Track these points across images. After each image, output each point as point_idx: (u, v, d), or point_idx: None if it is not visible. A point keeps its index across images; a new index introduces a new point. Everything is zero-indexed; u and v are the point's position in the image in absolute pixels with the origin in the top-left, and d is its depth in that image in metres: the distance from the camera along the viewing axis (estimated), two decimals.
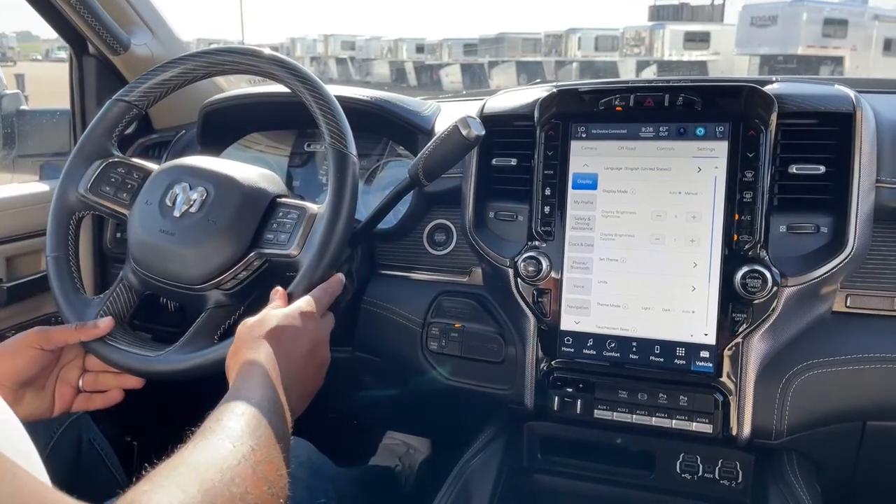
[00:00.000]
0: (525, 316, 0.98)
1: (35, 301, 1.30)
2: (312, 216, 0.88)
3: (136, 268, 0.93)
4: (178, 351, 0.86)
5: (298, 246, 0.86)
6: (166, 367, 0.86)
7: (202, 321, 0.89)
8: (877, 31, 21.91)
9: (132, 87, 1.00)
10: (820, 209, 0.88)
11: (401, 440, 1.68)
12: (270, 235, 0.89)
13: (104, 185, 0.97)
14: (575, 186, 0.96)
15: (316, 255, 0.84)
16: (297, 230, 0.87)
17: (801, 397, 0.90)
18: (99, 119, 0.99)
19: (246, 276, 0.90)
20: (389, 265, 1.16)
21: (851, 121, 0.87)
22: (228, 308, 0.90)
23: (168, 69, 0.98)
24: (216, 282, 0.89)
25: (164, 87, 0.99)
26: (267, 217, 0.90)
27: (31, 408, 0.89)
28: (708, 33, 24.84)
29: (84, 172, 0.97)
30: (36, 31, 43.01)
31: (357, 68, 34.19)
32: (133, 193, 0.96)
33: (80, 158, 0.98)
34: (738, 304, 0.88)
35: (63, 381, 0.93)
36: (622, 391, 0.93)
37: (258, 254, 0.89)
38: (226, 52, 0.97)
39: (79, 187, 0.96)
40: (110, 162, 0.98)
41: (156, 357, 0.87)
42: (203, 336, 0.88)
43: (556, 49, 26.51)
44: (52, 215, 0.96)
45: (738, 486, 0.96)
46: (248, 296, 0.92)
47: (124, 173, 0.98)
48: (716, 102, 0.91)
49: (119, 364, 0.88)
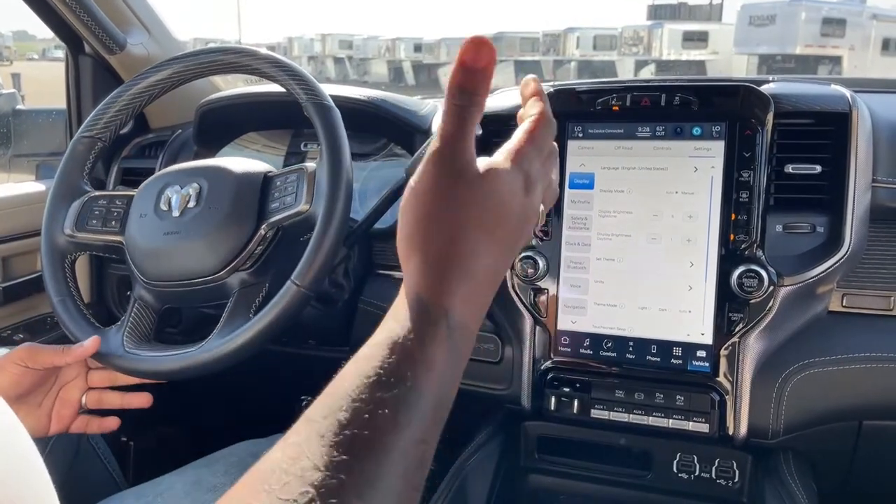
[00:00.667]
0: (522, 316, 0.98)
1: (31, 301, 1.29)
2: (312, 171, 0.87)
3: (149, 282, 0.91)
4: (219, 336, 0.84)
5: (307, 201, 0.85)
6: (215, 354, 0.83)
7: (233, 304, 0.88)
8: (875, 30, 21.94)
9: (95, 118, 0.98)
10: (816, 209, 0.89)
11: None
12: (275, 204, 0.88)
13: (90, 220, 0.95)
14: (572, 186, 0.96)
15: (329, 200, 0.83)
16: (301, 187, 0.86)
17: (798, 397, 0.90)
18: (67, 159, 0.98)
19: (262, 250, 0.89)
20: (386, 265, 1.16)
21: (847, 120, 0.87)
22: (255, 286, 0.89)
23: (157, 72, 0.97)
24: (234, 265, 0.87)
25: (149, 94, 0.98)
26: (265, 190, 0.90)
27: (25, 427, 0.88)
28: (706, 33, 24.86)
29: (66, 213, 0.96)
30: (32, 31, 42.99)
31: (355, 67, 34.18)
32: (122, 219, 0.95)
33: (58, 201, 0.97)
34: (734, 304, 0.88)
35: (63, 400, 0.90)
36: (619, 391, 0.94)
37: (268, 225, 0.88)
38: (219, 52, 0.96)
39: (64, 229, 0.95)
40: (89, 198, 0.97)
41: (199, 349, 0.84)
42: (240, 315, 0.86)
43: (555, 48, 26.51)
44: (46, 262, 0.95)
45: (734, 486, 0.96)
46: (270, 269, 0.90)
47: (106, 204, 0.96)
48: (712, 102, 0.92)
49: (161, 371, 0.86)
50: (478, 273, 0.44)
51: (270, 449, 0.37)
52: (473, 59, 0.44)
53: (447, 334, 0.41)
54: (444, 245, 0.44)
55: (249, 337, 0.82)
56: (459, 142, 0.45)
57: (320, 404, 0.38)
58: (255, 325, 0.82)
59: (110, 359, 0.88)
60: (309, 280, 0.81)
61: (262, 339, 0.82)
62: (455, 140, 0.45)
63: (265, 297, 0.88)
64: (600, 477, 1.01)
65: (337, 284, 1.06)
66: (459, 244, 0.44)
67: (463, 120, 0.45)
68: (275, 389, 1.51)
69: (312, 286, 0.82)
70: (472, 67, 0.45)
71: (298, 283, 0.81)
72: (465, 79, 0.45)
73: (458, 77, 0.45)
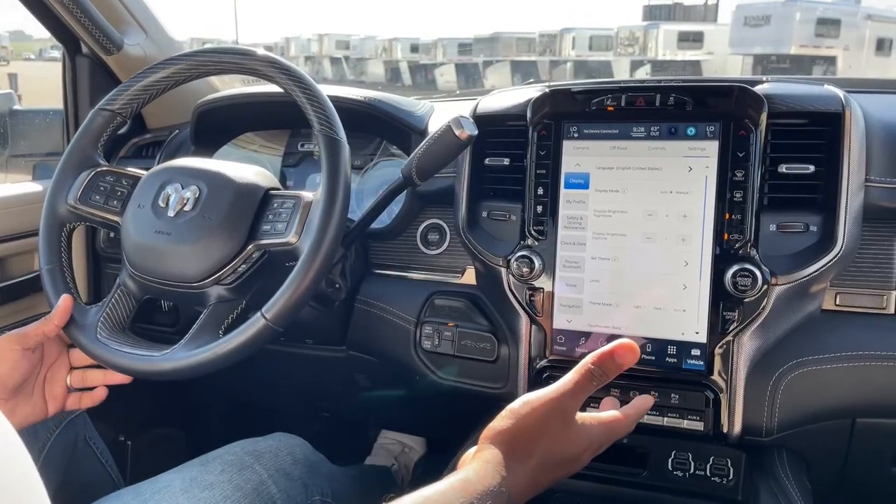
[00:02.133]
0: (518, 315, 0.99)
1: (28, 301, 1.29)
2: (308, 203, 0.87)
3: (134, 272, 0.92)
4: (184, 348, 0.86)
5: (297, 233, 0.86)
6: (174, 365, 0.85)
7: (206, 317, 0.89)
8: (869, 30, 22.00)
9: (116, 94, 0.99)
10: (809, 208, 0.89)
11: (395, 439, 1.68)
12: (267, 227, 0.89)
13: (94, 195, 0.96)
14: (567, 186, 0.97)
15: (315, 239, 0.84)
16: (294, 218, 0.87)
17: (792, 395, 0.91)
18: (83, 129, 0.99)
19: (246, 269, 0.90)
20: (383, 264, 1.17)
21: (840, 120, 0.88)
22: (231, 302, 0.90)
23: (156, 71, 0.97)
24: (216, 277, 0.88)
25: (152, 90, 0.98)
26: (262, 209, 0.90)
27: (25, 414, 0.89)
28: (701, 33, 24.91)
29: (72, 183, 0.97)
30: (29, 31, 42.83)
31: (352, 68, 34.15)
32: (123, 200, 0.96)
33: (67, 170, 0.97)
34: (728, 303, 0.89)
35: (52, 381, 0.93)
36: (614, 389, 0.94)
37: (256, 246, 0.89)
38: (216, 53, 0.97)
39: (68, 198, 0.96)
40: (98, 171, 0.97)
41: (161, 356, 0.86)
42: (208, 332, 0.87)
43: (551, 49, 26.54)
44: (43, 228, 0.96)
45: (729, 483, 0.97)
46: (250, 289, 0.92)
47: (113, 181, 0.97)
48: (706, 102, 0.92)
49: (123, 367, 0.88)
50: (540, 487, 0.64)
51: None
52: (622, 358, 0.67)
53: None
54: (541, 464, 0.64)
55: (209, 359, 0.83)
56: (578, 394, 0.67)
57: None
58: (217, 349, 0.83)
59: (81, 341, 0.90)
60: (278, 316, 0.82)
61: (222, 364, 0.83)
62: (577, 392, 0.66)
63: (238, 316, 0.89)
64: (595, 475, 1.01)
65: (334, 284, 1.06)
66: (547, 471, 0.64)
67: (588, 383, 0.67)
68: (272, 388, 1.52)
69: (280, 322, 0.82)
70: (618, 363, 0.67)
71: (267, 318, 0.82)
72: (608, 365, 0.67)
73: (604, 360, 0.67)
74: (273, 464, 0.90)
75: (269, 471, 0.89)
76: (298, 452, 0.96)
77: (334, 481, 0.99)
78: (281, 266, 0.89)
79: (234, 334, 0.83)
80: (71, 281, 0.95)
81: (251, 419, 1.65)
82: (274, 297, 0.83)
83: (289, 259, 0.87)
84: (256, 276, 0.91)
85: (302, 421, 1.54)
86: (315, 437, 1.04)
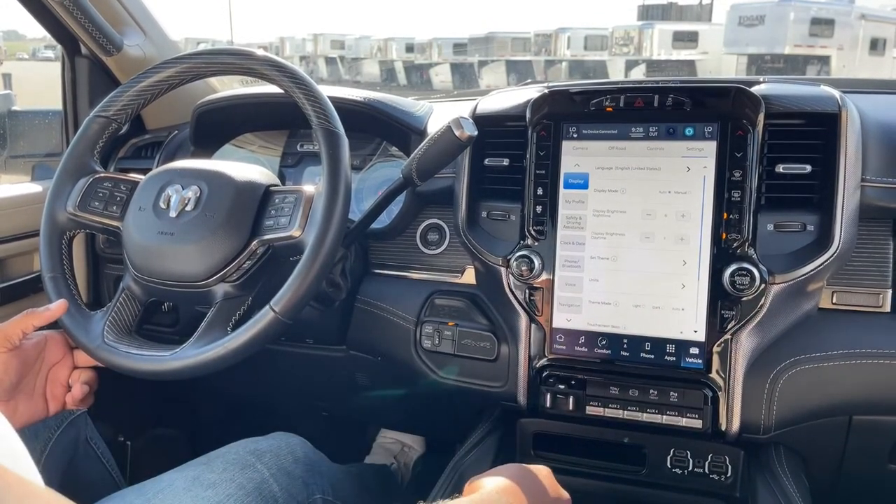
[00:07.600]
0: (517, 314, 1.00)
1: (28, 302, 1.29)
2: (310, 196, 0.88)
3: (138, 275, 0.92)
4: (194, 346, 0.86)
5: (300, 227, 0.86)
6: (185, 363, 0.85)
7: (213, 314, 0.89)
8: (863, 30, 22.06)
9: (112, 100, 0.99)
10: (806, 208, 0.90)
11: (395, 438, 1.69)
12: (270, 222, 0.89)
13: (92, 202, 0.96)
14: (566, 186, 0.97)
15: (320, 231, 0.84)
16: (297, 212, 0.87)
17: (789, 393, 0.92)
18: (79, 137, 0.99)
19: (250, 265, 0.90)
20: (383, 264, 1.17)
21: (837, 121, 0.89)
22: (238, 299, 0.90)
23: (153, 74, 0.97)
24: (221, 275, 0.89)
25: (149, 93, 0.98)
26: (263, 206, 0.91)
27: (27, 414, 0.89)
28: (696, 33, 24.93)
29: (70, 191, 0.96)
30: (23, 30, 42.66)
31: (347, 68, 34.10)
32: (123, 205, 0.96)
33: (65, 178, 0.97)
34: (726, 302, 0.90)
35: (53, 381, 0.93)
36: (613, 388, 0.95)
37: (260, 241, 0.89)
38: (214, 54, 0.97)
39: (67, 206, 0.96)
40: (95, 178, 0.97)
41: (171, 355, 0.85)
42: (217, 328, 0.87)
43: (546, 48, 26.54)
44: (44, 236, 0.96)
45: (727, 480, 0.97)
46: (256, 284, 0.92)
47: (111, 187, 0.97)
48: (704, 103, 0.93)
49: (134, 370, 0.87)
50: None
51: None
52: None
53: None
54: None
55: (220, 354, 0.83)
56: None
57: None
58: (228, 345, 0.83)
59: (88, 347, 0.90)
60: (287, 308, 0.82)
61: (233, 359, 0.83)
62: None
63: (246, 311, 0.89)
64: (595, 473, 1.02)
65: (334, 284, 1.06)
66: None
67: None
68: (272, 388, 1.52)
69: (289, 314, 0.83)
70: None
71: (276, 311, 0.82)
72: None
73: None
74: (274, 463, 0.91)
75: (271, 469, 0.89)
76: (299, 451, 0.97)
77: (335, 480, 0.99)
78: (286, 261, 0.90)
79: (243, 329, 0.83)
80: (73, 287, 0.95)
81: (251, 419, 1.65)
82: (282, 289, 0.83)
83: (293, 253, 0.87)
84: (261, 271, 0.91)
85: (302, 420, 1.54)
86: (315, 436, 1.04)
